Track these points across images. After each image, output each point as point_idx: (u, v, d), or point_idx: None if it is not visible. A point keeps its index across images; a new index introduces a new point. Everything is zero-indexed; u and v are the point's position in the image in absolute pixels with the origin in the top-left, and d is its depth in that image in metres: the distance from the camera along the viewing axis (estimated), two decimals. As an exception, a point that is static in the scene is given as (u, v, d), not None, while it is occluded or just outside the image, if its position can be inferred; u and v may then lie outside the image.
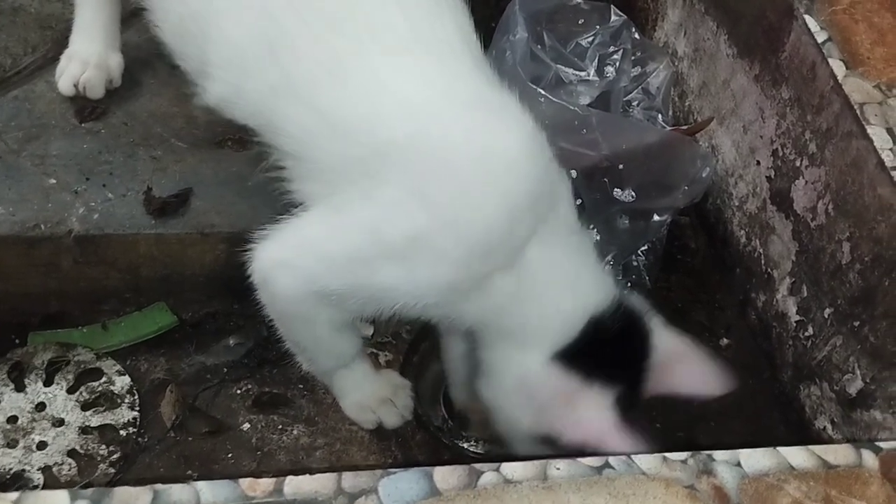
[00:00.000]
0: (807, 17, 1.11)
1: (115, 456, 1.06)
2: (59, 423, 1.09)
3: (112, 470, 1.05)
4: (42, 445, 1.06)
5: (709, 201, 1.35)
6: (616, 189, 1.22)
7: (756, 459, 0.74)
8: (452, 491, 0.69)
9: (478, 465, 0.71)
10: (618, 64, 1.37)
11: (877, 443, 0.78)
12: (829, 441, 1.08)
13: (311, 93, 0.89)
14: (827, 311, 1.08)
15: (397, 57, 0.88)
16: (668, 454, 0.74)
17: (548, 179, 0.89)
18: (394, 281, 0.86)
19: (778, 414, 1.18)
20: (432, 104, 0.87)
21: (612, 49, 1.38)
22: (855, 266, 1.03)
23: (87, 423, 1.09)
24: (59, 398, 1.11)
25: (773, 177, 1.19)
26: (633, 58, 1.39)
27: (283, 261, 0.91)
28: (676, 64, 1.42)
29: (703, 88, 1.36)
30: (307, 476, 0.69)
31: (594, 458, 0.73)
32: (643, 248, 1.25)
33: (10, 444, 1.06)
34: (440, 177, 0.85)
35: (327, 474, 0.69)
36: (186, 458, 1.08)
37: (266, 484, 0.68)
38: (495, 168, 0.85)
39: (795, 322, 1.14)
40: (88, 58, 1.22)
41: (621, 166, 1.22)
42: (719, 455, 0.75)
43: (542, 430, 0.90)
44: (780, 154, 1.17)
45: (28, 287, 1.13)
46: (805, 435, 1.12)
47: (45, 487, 1.02)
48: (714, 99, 1.33)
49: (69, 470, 1.05)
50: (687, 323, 1.18)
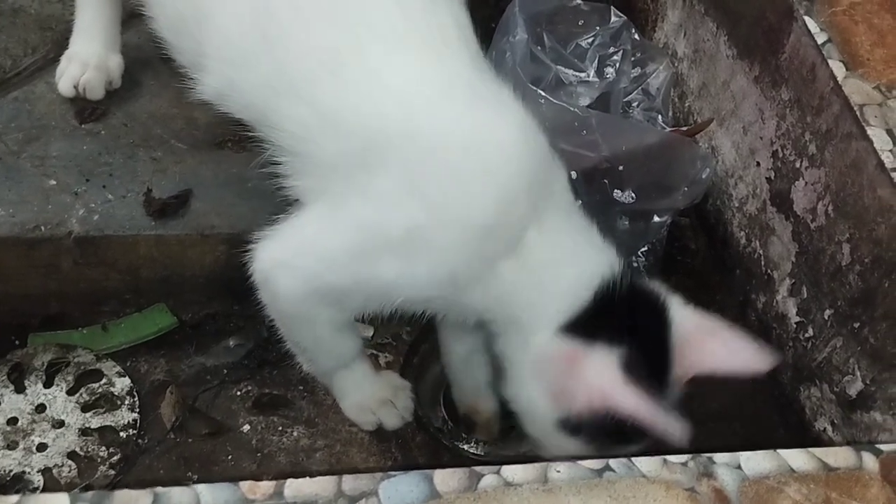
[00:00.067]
0: (807, 19, 1.11)
1: (115, 458, 1.06)
2: (59, 424, 1.09)
3: (112, 472, 1.05)
4: (42, 447, 1.06)
5: (709, 202, 1.35)
6: (616, 190, 1.22)
7: (756, 462, 0.75)
8: (452, 493, 0.69)
9: (478, 468, 0.71)
10: (618, 65, 1.37)
11: (877, 445, 0.78)
12: (830, 443, 1.08)
13: (306, 86, 0.88)
14: (827, 312, 1.08)
15: (392, 50, 0.88)
16: (668, 456, 0.74)
17: (542, 165, 0.89)
18: (394, 276, 0.86)
19: (778, 415, 1.18)
20: (426, 97, 0.86)
21: (611, 50, 1.38)
22: (855, 267, 1.03)
23: (87, 425, 1.09)
24: (59, 400, 1.11)
25: (772, 178, 1.19)
26: (633, 59, 1.39)
27: (283, 261, 0.91)
28: (676, 65, 1.42)
29: (703, 89, 1.36)
30: (307, 479, 0.69)
31: (594, 460, 0.73)
32: (643, 250, 1.25)
33: (10, 445, 1.06)
34: (434, 169, 0.84)
35: (327, 477, 0.69)
36: (186, 459, 1.08)
37: (266, 487, 0.68)
38: (489, 158, 0.84)
39: (795, 323, 1.14)
40: (88, 59, 1.22)
41: (621, 167, 1.22)
42: (720, 458, 0.75)
43: (562, 411, 0.87)
44: (780, 155, 1.17)
45: (28, 288, 1.13)
46: (805, 436, 1.12)
47: (44, 489, 1.02)
48: (714, 100, 1.33)
49: (69, 472, 1.05)
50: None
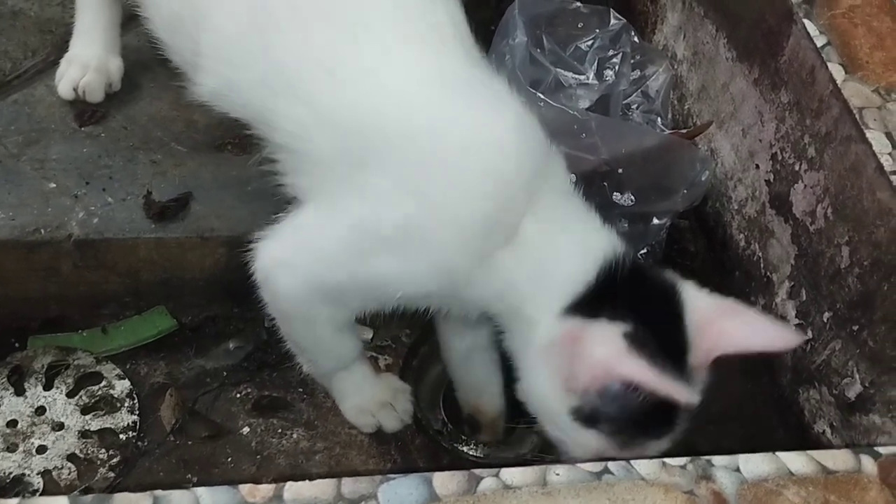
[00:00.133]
0: (806, 21, 1.11)
1: (114, 460, 1.06)
2: (58, 427, 1.09)
3: (112, 474, 1.05)
4: (42, 449, 1.06)
5: (708, 205, 1.35)
6: (615, 193, 1.22)
7: (755, 465, 0.75)
8: (452, 496, 0.69)
9: (477, 471, 0.71)
10: (617, 67, 1.37)
11: (876, 448, 0.78)
12: (828, 445, 1.08)
13: (303, 85, 0.88)
14: (826, 315, 1.08)
15: (388, 48, 0.88)
16: (667, 459, 0.74)
17: (539, 158, 0.88)
18: (392, 272, 0.86)
19: (777, 418, 1.18)
20: (421, 95, 0.86)
21: (611, 52, 1.38)
22: (854, 270, 1.03)
23: (86, 427, 1.09)
24: (58, 402, 1.11)
25: (772, 180, 1.19)
26: (633, 61, 1.39)
27: (283, 260, 0.91)
28: (676, 67, 1.42)
29: (703, 92, 1.36)
30: (306, 482, 0.69)
31: (593, 463, 0.73)
32: (642, 252, 1.25)
33: (10, 448, 1.06)
34: (430, 167, 0.84)
35: (327, 480, 0.69)
36: (186, 462, 1.08)
37: (266, 490, 0.68)
38: (485, 156, 0.84)
39: (794, 326, 1.14)
40: (88, 61, 1.22)
41: (620, 170, 1.22)
42: (718, 460, 0.75)
43: (573, 399, 0.84)
44: (780, 158, 1.17)
45: (28, 291, 1.14)
46: (804, 439, 1.12)
47: (44, 491, 1.02)
48: (713, 102, 1.33)
49: (69, 474, 1.05)
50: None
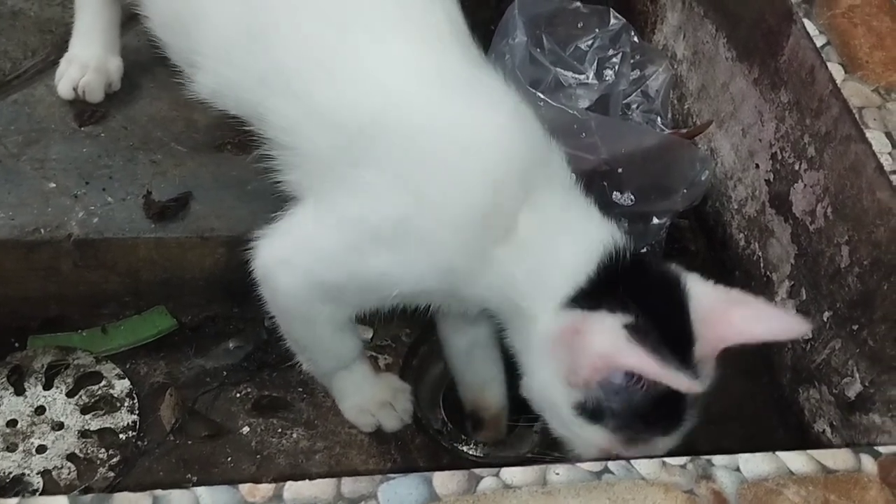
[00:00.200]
0: (806, 21, 1.11)
1: (114, 460, 1.06)
2: (58, 426, 1.09)
3: (111, 474, 1.05)
4: (42, 449, 1.06)
5: (708, 204, 1.35)
6: (615, 192, 1.22)
7: (755, 464, 0.75)
8: (452, 496, 0.69)
9: (477, 471, 0.72)
10: (617, 67, 1.37)
11: (875, 447, 0.78)
12: (829, 445, 1.08)
13: (297, 81, 0.88)
14: (826, 314, 1.08)
15: (380, 42, 0.88)
16: (667, 458, 0.74)
17: (535, 153, 0.88)
18: (388, 268, 0.86)
19: (777, 417, 1.18)
20: (414, 90, 0.86)
21: (611, 52, 1.38)
22: (854, 270, 1.03)
23: (86, 427, 1.09)
24: (58, 402, 1.11)
25: (772, 180, 1.19)
26: (633, 61, 1.39)
27: (282, 259, 0.91)
28: (675, 67, 1.42)
29: (703, 91, 1.36)
30: (306, 481, 0.69)
31: (593, 462, 0.73)
32: (642, 251, 1.25)
33: (10, 447, 1.06)
34: (424, 162, 0.84)
35: (327, 480, 0.69)
36: (186, 461, 1.08)
37: (265, 489, 0.68)
38: (478, 150, 0.84)
39: (794, 325, 1.14)
40: (88, 61, 1.22)
41: (620, 170, 1.22)
42: (718, 460, 0.75)
43: (576, 394, 0.83)
44: (779, 157, 1.17)
45: (28, 291, 1.13)
46: (804, 438, 1.12)
47: (44, 491, 1.02)
48: (713, 102, 1.33)
49: (69, 474, 1.05)
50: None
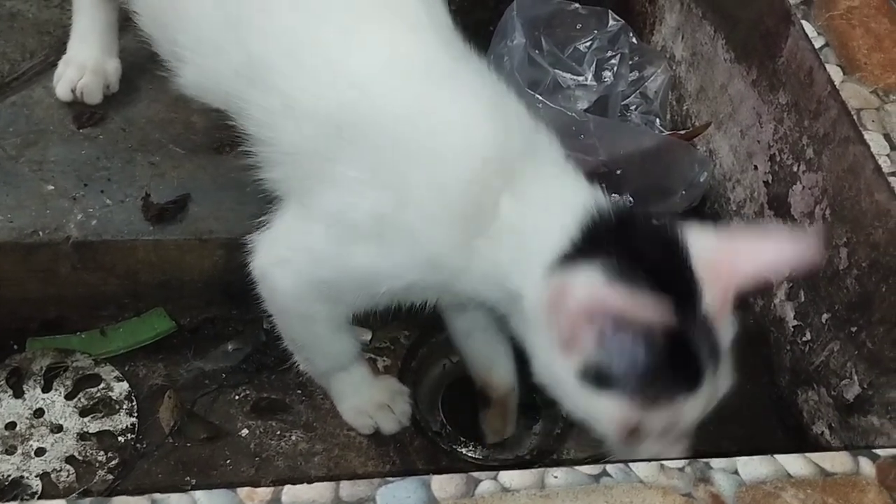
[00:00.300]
0: (804, 23, 1.11)
1: (113, 462, 1.06)
2: (57, 429, 1.09)
3: (110, 476, 1.05)
4: (40, 452, 1.06)
5: (706, 206, 1.34)
6: (614, 194, 1.22)
7: (753, 467, 0.75)
8: (450, 499, 0.69)
9: (475, 474, 0.71)
10: (615, 68, 1.37)
11: (874, 450, 0.78)
12: (827, 446, 1.08)
13: (271, 73, 0.88)
14: (824, 316, 1.08)
15: (353, 34, 0.87)
16: (665, 461, 0.74)
17: (513, 137, 0.85)
18: (372, 263, 0.85)
19: (776, 419, 1.18)
20: (386, 81, 0.85)
21: (609, 54, 1.38)
22: (852, 272, 1.03)
23: (85, 430, 1.09)
24: (57, 404, 1.11)
25: (770, 181, 1.19)
26: (631, 62, 1.39)
27: (277, 258, 0.91)
28: (674, 68, 1.42)
29: (701, 93, 1.36)
30: (305, 485, 0.69)
31: (592, 466, 0.73)
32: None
33: (9, 450, 1.06)
34: (396, 154, 0.83)
35: (325, 483, 0.69)
36: (185, 464, 1.07)
37: (264, 493, 0.68)
38: (451, 140, 0.83)
39: (793, 327, 1.14)
40: (85, 63, 1.22)
41: (619, 171, 1.22)
42: (716, 463, 0.75)
43: (577, 360, 0.79)
44: (778, 159, 1.17)
45: (26, 293, 1.13)
46: (803, 440, 1.12)
47: (43, 494, 1.02)
48: (712, 103, 1.33)
49: (67, 476, 1.05)
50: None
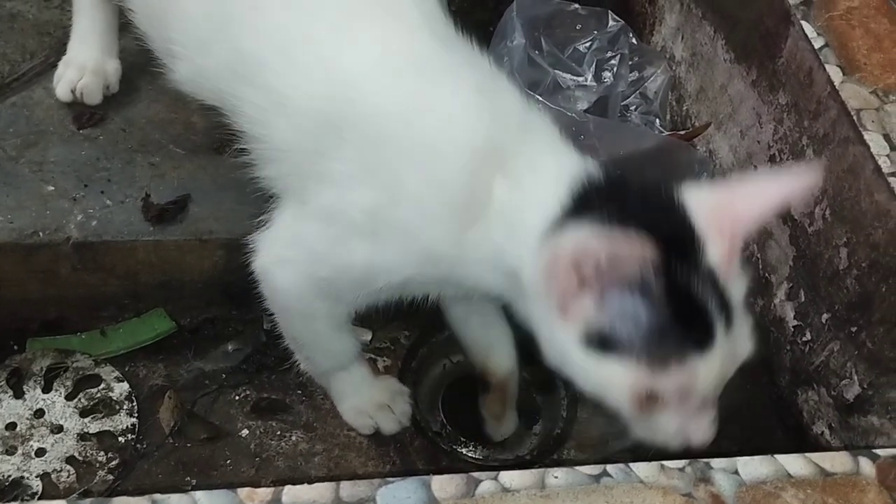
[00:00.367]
0: (804, 23, 1.11)
1: (113, 462, 1.06)
2: (57, 429, 1.09)
3: (111, 477, 1.05)
4: (41, 452, 1.06)
5: (706, 206, 1.34)
6: (614, 194, 1.22)
7: (753, 467, 0.75)
8: (450, 500, 0.70)
9: (476, 474, 0.72)
10: (615, 69, 1.38)
11: (874, 450, 0.78)
12: (827, 446, 1.08)
13: (262, 70, 0.88)
14: (824, 316, 1.08)
15: (342, 30, 0.87)
16: (665, 462, 0.75)
17: (504, 123, 0.84)
18: (369, 259, 0.85)
19: (776, 419, 1.18)
20: (375, 77, 0.85)
21: (609, 54, 1.38)
22: (852, 272, 1.03)
23: (85, 430, 1.09)
24: (57, 405, 1.11)
25: (770, 182, 1.19)
26: (631, 62, 1.39)
27: (276, 256, 0.91)
28: (674, 68, 1.42)
29: (701, 93, 1.36)
30: (305, 485, 0.69)
31: (592, 466, 0.73)
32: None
33: (9, 450, 1.06)
34: (387, 149, 0.83)
35: (325, 483, 0.69)
36: (185, 464, 1.08)
37: (264, 493, 0.68)
38: (437, 133, 0.82)
39: (793, 327, 1.14)
40: (85, 63, 1.22)
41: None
42: (717, 463, 0.75)
43: (578, 327, 0.76)
44: (778, 159, 1.17)
45: (27, 294, 1.13)
46: (803, 440, 1.12)
47: (43, 494, 1.02)
48: (711, 104, 1.33)
49: (68, 477, 1.05)
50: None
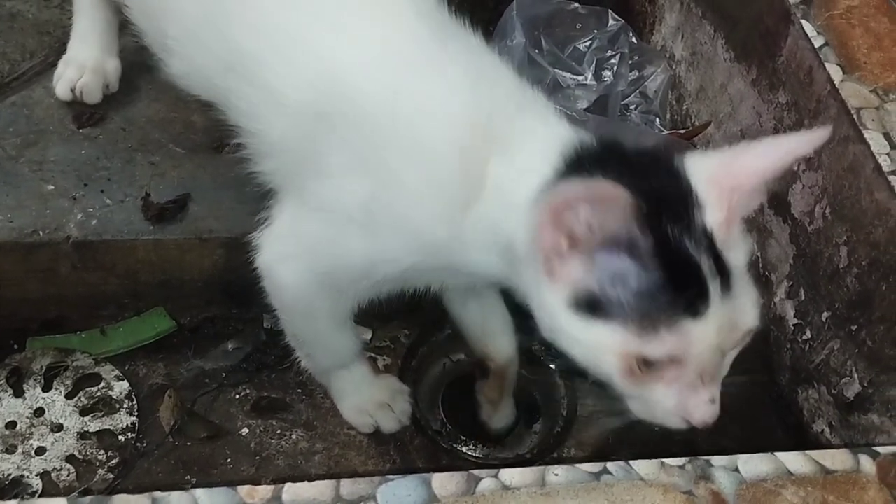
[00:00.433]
0: (804, 22, 1.11)
1: (113, 461, 1.06)
2: (57, 428, 1.09)
3: (111, 475, 1.05)
4: (41, 451, 1.06)
5: (706, 205, 1.34)
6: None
7: (754, 465, 0.75)
8: (451, 497, 0.70)
9: (476, 472, 0.72)
10: (615, 68, 1.38)
11: (874, 448, 0.78)
12: (827, 445, 1.08)
13: (253, 64, 0.88)
14: (825, 314, 1.08)
15: (331, 21, 0.86)
16: (665, 459, 0.75)
17: (495, 106, 0.83)
18: (367, 250, 0.85)
19: (776, 417, 1.18)
20: (364, 68, 0.84)
21: (609, 53, 1.38)
22: (852, 270, 1.03)
23: (85, 429, 1.09)
24: (57, 403, 1.11)
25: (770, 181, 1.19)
26: (631, 62, 1.39)
27: (279, 253, 0.91)
28: (674, 68, 1.42)
29: (701, 92, 1.36)
30: (305, 483, 0.69)
31: (592, 464, 0.73)
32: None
33: (9, 449, 1.06)
34: (378, 140, 0.83)
35: (325, 481, 0.69)
36: (185, 463, 1.08)
37: (264, 491, 0.68)
38: (427, 125, 0.82)
39: (793, 325, 1.14)
40: (85, 62, 1.22)
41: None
42: (717, 460, 0.75)
43: (564, 287, 0.74)
44: (778, 158, 1.17)
45: (27, 293, 1.13)
46: (803, 438, 1.12)
47: (43, 493, 1.02)
48: (711, 103, 1.33)
49: (68, 475, 1.05)
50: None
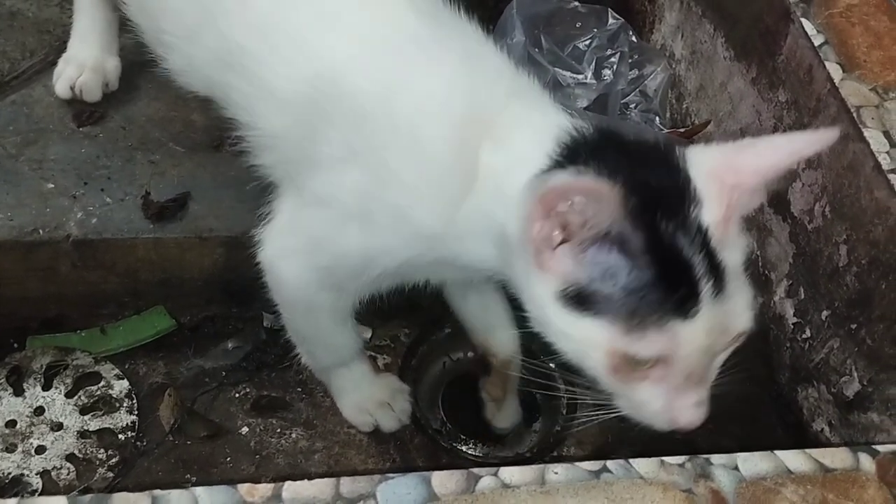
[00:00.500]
0: (803, 21, 1.11)
1: (113, 460, 1.06)
2: (57, 427, 1.09)
3: (111, 474, 1.05)
4: (41, 450, 1.06)
5: (706, 203, 1.34)
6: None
7: (753, 463, 0.75)
8: (450, 496, 0.70)
9: (476, 470, 0.72)
10: (615, 67, 1.38)
11: (874, 446, 0.78)
12: (827, 443, 1.08)
13: (246, 57, 0.88)
14: (824, 313, 1.08)
15: (323, 12, 0.86)
16: (665, 458, 0.75)
17: (487, 95, 0.82)
18: (364, 243, 0.84)
19: (776, 416, 1.18)
20: (356, 60, 0.84)
21: (609, 52, 1.38)
22: (852, 269, 1.03)
23: (85, 428, 1.09)
24: (57, 402, 1.11)
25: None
26: (631, 60, 1.39)
27: (280, 248, 0.92)
28: (674, 66, 1.42)
29: (701, 91, 1.36)
30: (305, 481, 0.69)
31: (592, 462, 0.73)
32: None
33: (9, 448, 1.06)
34: (371, 131, 0.82)
35: (325, 479, 0.69)
36: (185, 461, 1.08)
37: (264, 489, 0.68)
38: (419, 116, 0.82)
39: (793, 324, 1.14)
40: (85, 61, 1.22)
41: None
42: (717, 459, 0.75)
43: (554, 279, 0.73)
44: (778, 157, 1.17)
45: (27, 291, 1.13)
46: (803, 437, 1.12)
47: (43, 492, 1.03)
48: (711, 101, 1.33)
49: (68, 474, 1.05)
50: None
